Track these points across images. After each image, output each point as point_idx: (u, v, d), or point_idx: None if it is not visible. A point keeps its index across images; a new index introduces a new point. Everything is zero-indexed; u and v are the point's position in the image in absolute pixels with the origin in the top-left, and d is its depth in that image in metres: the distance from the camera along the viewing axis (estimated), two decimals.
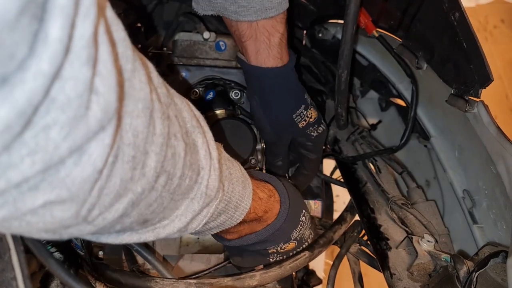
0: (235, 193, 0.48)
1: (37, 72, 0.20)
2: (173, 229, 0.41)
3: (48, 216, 0.27)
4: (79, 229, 0.31)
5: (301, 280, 0.86)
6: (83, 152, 0.25)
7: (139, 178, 0.31)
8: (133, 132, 0.29)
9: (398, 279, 0.58)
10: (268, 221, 0.58)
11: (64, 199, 0.26)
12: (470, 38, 0.53)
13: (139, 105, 0.29)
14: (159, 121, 0.32)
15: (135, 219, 0.35)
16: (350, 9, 0.61)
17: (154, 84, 0.33)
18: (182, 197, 0.39)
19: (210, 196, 0.42)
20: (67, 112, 0.23)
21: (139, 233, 0.39)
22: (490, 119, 0.54)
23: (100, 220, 0.31)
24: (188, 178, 0.38)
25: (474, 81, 0.55)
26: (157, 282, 0.57)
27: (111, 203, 0.30)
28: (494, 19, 2.60)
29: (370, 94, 0.88)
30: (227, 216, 0.49)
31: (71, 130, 0.24)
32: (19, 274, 0.40)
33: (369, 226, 0.67)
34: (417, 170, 0.77)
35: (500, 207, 0.56)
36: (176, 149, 0.35)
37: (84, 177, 0.26)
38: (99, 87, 0.25)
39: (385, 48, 0.70)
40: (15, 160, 0.22)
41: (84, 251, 0.59)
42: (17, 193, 0.24)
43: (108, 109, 0.26)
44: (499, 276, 0.48)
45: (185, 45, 0.81)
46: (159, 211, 0.37)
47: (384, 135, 0.85)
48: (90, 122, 0.25)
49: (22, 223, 0.26)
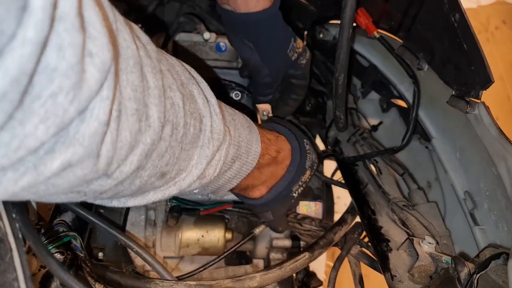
0: (243, 137, 0.51)
1: (24, 40, 0.22)
2: (192, 178, 0.43)
3: (71, 176, 0.29)
4: (100, 184, 0.33)
5: (301, 282, 0.86)
6: (86, 109, 0.27)
7: (146, 129, 0.34)
8: (131, 86, 0.31)
9: (399, 281, 0.58)
10: (286, 162, 0.61)
11: (80, 156, 0.28)
12: (470, 40, 0.53)
13: (130, 62, 0.32)
14: (151, 75, 0.34)
15: (152, 172, 0.38)
16: (345, 12, 0.60)
17: (142, 42, 0.35)
18: (192, 146, 0.42)
19: (218, 139, 0.45)
20: (70, 77, 0.25)
21: (162, 189, 0.42)
22: (491, 120, 0.54)
23: (118, 173, 0.34)
24: (192, 127, 0.41)
25: (474, 82, 0.55)
26: (157, 284, 0.57)
27: (126, 155, 0.33)
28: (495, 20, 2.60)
29: (371, 95, 0.88)
30: (241, 162, 0.52)
31: (76, 93, 0.25)
32: (21, 275, 0.40)
33: (370, 227, 0.67)
34: (418, 171, 0.77)
35: (501, 209, 0.56)
36: (174, 100, 0.38)
37: (92, 131, 0.28)
38: (93, 49, 0.26)
39: (386, 49, 0.70)
40: (30, 129, 0.24)
41: (84, 252, 0.59)
42: (35, 158, 0.26)
43: (103, 67, 0.27)
44: (500, 278, 0.48)
45: (185, 46, 0.81)
46: (173, 163, 0.40)
47: (385, 137, 0.85)
48: (91, 83, 0.26)
49: (49, 186, 0.29)
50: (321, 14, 0.84)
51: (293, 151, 0.62)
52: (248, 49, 0.71)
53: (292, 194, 0.65)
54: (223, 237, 0.77)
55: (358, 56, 0.83)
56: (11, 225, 0.41)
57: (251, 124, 0.55)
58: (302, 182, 0.65)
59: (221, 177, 0.50)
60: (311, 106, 0.89)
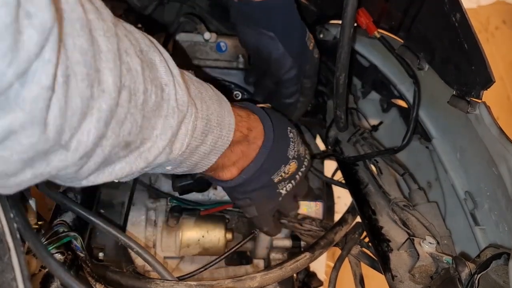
0: (212, 110, 0.49)
1: None
2: (158, 149, 0.42)
3: (16, 145, 0.28)
4: (60, 159, 0.32)
5: (302, 282, 0.86)
6: (27, 73, 0.26)
7: (99, 95, 0.32)
8: (79, 50, 0.30)
9: (399, 281, 0.58)
10: (258, 142, 0.57)
11: (22, 122, 0.27)
12: (471, 39, 0.53)
13: (76, 25, 0.30)
14: (103, 39, 0.33)
15: (115, 142, 0.36)
16: (347, 12, 0.60)
17: (95, 6, 0.34)
18: (154, 114, 0.40)
19: (182, 111, 0.43)
20: (6, 39, 0.24)
21: (128, 162, 0.40)
22: (492, 120, 0.54)
23: (76, 143, 0.32)
24: (153, 94, 0.39)
25: (475, 82, 0.54)
26: (158, 284, 0.57)
27: (79, 122, 0.31)
28: (495, 20, 2.60)
29: (372, 95, 0.88)
30: (215, 135, 0.49)
31: (13, 56, 0.25)
32: (19, 275, 0.40)
33: (370, 227, 0.67)
34: (418, 171, 0.77)
35: (502, 209, 0.56)
36: (131, 65, 0.36)
37: (33, 95, 0.27)
38: (31, 9, 0.25)
39: (386, 49, 0.70)
40: None
41: (84, 253, 0.59)
42: None
43: (43, 28, 0.26)
44: (501, 278, 0.48)
45: (185, 46, 0.81)
46: (136, 131, 0.38)
47: (385, 137, 0.85)
48: (29, 45, 0.25)
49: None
50: (321, 14, 0.84)
51: (266, 132, 0.58)
52: (268, 40, 0.68)
53: (278, 190, 0.62)
54: (223, 237, 0.77)
55: (358, 56, 0.83)
56: (9, 225, 0.41)
57: (220, 97, 0.52)
58: (286, 174, 0.61)
59: (194, 153, 0.48)
60: (311, 106, 0.89)
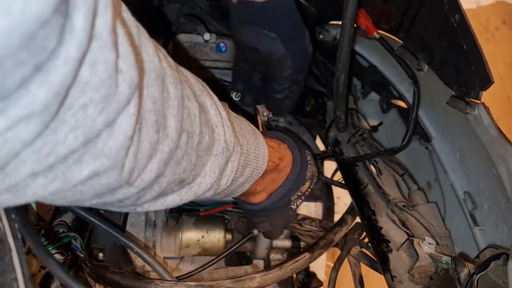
0: (250, 144, 0.53)
1: (67, 58, 0.24)
2: (206, 185, 0.45)
3: (96, 184, 0.31)
4: (123, 192, 0.35)
5: (301, 282, 0.86)
6: (114, 124, 0.29)
7: (164, 139, 0.35)
8: (151, 99, 0.33)
9: (399, 282, 0.58)
10: (287, 169, 0.62)
11: (106, 167, 0.30)
12: (470, 40, 0.53)
13: (152, 75, 0.33)
14: (172, 86, 0.36)
15: (171, 179, 0.39)
16: (347, 12, 0.60)
17: (162, 53, 0.37)
18: (206, 153, 0.43)
19: (229, 150, 0.47)
20: (100, 91, 0.27)
21: (179, 194, 0.44)
22: (491, 121, 0.54)
23: (139, 181, 0.35)
24: (207, 135, 0.42)
25: (474, 83, 0.55)
26: (157, 284, 0.57)
27: (145, 164, 0.35)
28: (495, 20, 2.60)
29: (371, 96, 0.88)
30: (252, 167, 0.53)
31: (104, 106, 0.27)
32: (20, 275, 0.40)
33: (370, 228, 0.67)
34: (418, 172, 0.77)
35: (501, 209, 0.56)
36: (191, 109, 0.39)
37: (119, 145, 0.30)
38: (123, 67, 0.28)
39: (386, 50, 0.70)
40: (61, 137, 0.26)
41: (84, 253, 0.59)
42: (64, 167, 0.28)
43: (132, 84, 0.29)
44: (500, 279, 0.48)
45: (185, 47, 0.81)
46: (190, 169, 0.42)
47: (385, 137, 0.85)
48: (120, 98, 0.28)
49: (75, 192, 0.30)
50: (321, 14, 0.84)
51: (294, 159, 0.63)
52: (270, 40, 0.68)
53: (291, 205, 0.66)
54: (223, 238, 0.77)
55: (358, 56, 0.83)
56: (10, 225, 0.41)
57: (255, 130, 0.56)
58: (301, 192, 0.66)
59: (233, 184, 0.52)
60: (311, 106, 0.89)
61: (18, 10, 0.20)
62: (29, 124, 0.24)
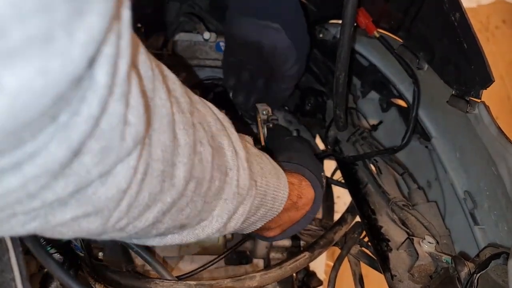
0: (270, 185, 0.49)
1: (89, 116, 0.23)
2: (211, 230, 0.42)
3: (76, 226, 0.29)
4: (111, 236, 0.33)
5: (301, 282, 0.85)
6: (109, 174, 0.27)
7: (168, 189, 0.33)
8: (161, 147, 0.31)
9: (399, 281, 0.58)
10: (306, 208, 0.59)
11: (89, 214, 0.28)
12: (470, 39, 0.53)
13: (164, 121, 0.31)
14: (183, 132, 0.33)
15: (170, 225, 0.37)
16: (347, 11, 0.60)
17: (175, 96, 0.34)
18: (215, 198, 0.40)
19: (242, 195, 0.43)
20: (100, 142, 0.25)
21: (181, 235, 0.41)
22: (491, 120, 0.54)
23: (131, 228, 0.33)
24: (217, 180, 0.39)
25: (474, 82, 0.54)
26: (157, 284, 0.57)
27: (140, 214, 0.32)
28: (495, 19, 2.60)
29: (371, 95, 0.88)
30: (266, 208, 0.50)
31: (102, 157, 0.25)
32: (18, 275, 0.40)
33: (369, 227, 0.67)
34: (418, 171, 0.77)
35: (502, 208, 0.56)
36: (203, 155, 0.36)
37: (109, 196, 0.28)
38: (131, 119, 0.26)
39: (386, 48, 0.70)
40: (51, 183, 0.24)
41: (83, 252, 0.59)
42: (49, 208, 0.26)
43: (137, 137, 0.27)
44: (500, 278, 0.48)
45: (185, 46, 0.81)
46: (195, 215, 0.39)
47: (385, 136, 0.85)
48: (122, 151, 0.27)
49: (54, 232, 0.29)
50: (321, 13, 0.84)
51: (316, 198, 0.59)
52: (273, 32, 0.67)
53: None
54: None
55: (358, 55, 0.83)
56: None
57: (278, 170, 0.53)
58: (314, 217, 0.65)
59: (243, 223, 0.48)
60: (311, 105, 0.89)
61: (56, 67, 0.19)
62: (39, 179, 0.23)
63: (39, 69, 0.18)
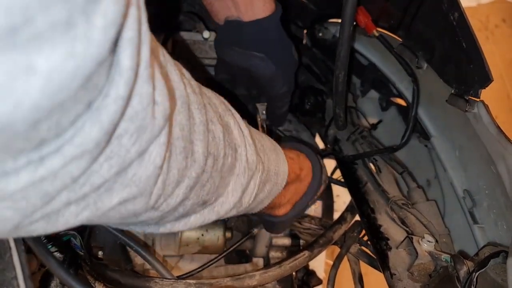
0: (271, 161, 0.53)
1: (117, 97, 0.24)
2: (229, 204, 0.45)
3: (123, 210, 0.31)
4: (148, 215, 0.36)
5: (301, 280, 0.86)
6: (145, 153, 0.29)
7: (192, 165, 0.36)
8: (179, 126, 0.33)
9: (398, 279, 0.58)
10: (308, 178, 0.64)
11: (135, 195, 0.31)
12: (469, 38, 0.53)
13: (178, 102, 0.33)
14: (197, 112, 0.36)
15: (195, 201, 0.40)
16: (346, 10, 0.60)
17: (186, 78, 0.37)
18: (229, 173, 0.44)
19: (251, 169, 0.47)
20: (135, 122, 0.27)
21: (202, 214, 0.44)
22: (490, 119, 0.54)
23: (165, 206, 0.36)
24: (230, 156, 0.42)
25: (474, 81, 0.55)
26: (157, 282, 0.57)
27: (172, 190, 0.35)
28: (495, 18, 2.60)
29: (371, 94, 0.88)
30: (272, 183, 0.53)
31: (138, 136, 0.28)
32: (20, 273, 0.40)
33: (369, 226, 0.67)
34: (417, 170, 0.77)
35: (501, 207, 0.56)
36: (215, 133, 0.39)
37: (148, 174, 0.30)
38: (158, 98, 0.29)
39: (385, 47, 0.70)
40: (96, 168, 0.26)
41: (83, 251, 0.59)
42: (96, 195, 0.28)
43: (165, 115, 0.30)
44: (499, 276, 0.48)
45: (185, 45, 0.81)
46: (213, 191, 0.42)
47: (384, 135, 0.85)
48: (155, 128, 0.29)
49: (102, 217, 0.31)
50: (320, 12, 0.84)
51: (314, 167, 0.65)
52: (259, 61, 0.67)
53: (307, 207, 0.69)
54: (222, 236, 0.77)
55: (357, 54, 0.83)
56: None
57: (276, 146, 0.56)
58: (317, 196, 0.69)
59: (254, 200, 0.52)
60: (311, 104, 0.89)
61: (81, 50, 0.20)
62: (80, 161, 0.24)
63: (66, 52, 0.20)
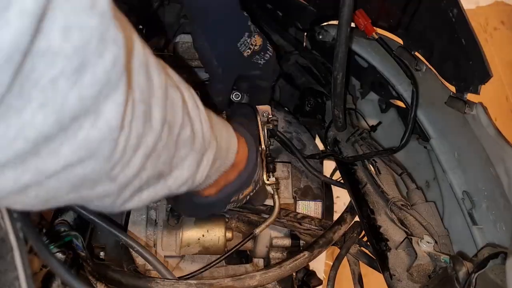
0: (223, 137, 0.50)
1: (21, 10, 0.19)
2: (182, 180, 0.43)
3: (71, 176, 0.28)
4: (104, 188, 0.32)
5: (301, 281, 0.86)
6: (98, 113, 0.26)
7: (149, 130, 0.33)
8: (139, 88, 0.30)
9: (397, 280, 0.58)
10: (241, 165, 0.58)
11: (82, 158, 0.27)
12: (468, 35, 0.53)
13: (136, 61, 0.30)
14: (156, 74, 0.33)
15: (150, 173, 0.37)
16: (343, 11, 0.61)
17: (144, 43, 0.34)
18: (184, 146, 0.41)
19: (205, 146, 0.45)
20: (73, 61, 0.23)
21: (156, 188, 0.41)
22: (488, 120, 0.54)
23: (122, 176, 0.33)
24: (188, 127, 0.40)
25: (473, 77, 0.55)
26: (158, 283, 0.57)
27: (130, 158, 0.32)
28: (494, 21, 2.60)
29: (370, 96, 0.88)
30: (221, 160, 0.51)
31: (78, 79, 0.23)
32: (22, 274, 0.40)
33: (369, 227, 0.67)
34: (416, 171, 0.77)
35: (500, 208, 0.56)
36: (174, 100, 0.37)
37: (100, 136, 0.27)
38: (108, 36, 0.25)
39: (384, 50, 0.70)
40: (27, 117, 0.22)
41: (85, 252, 0.59)
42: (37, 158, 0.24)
43: (117, 61, 0.25)
44: (498, 278, 0.48)
45: (186, 47, 0.81)
46: (168, 161, 0.39)
47: (384, 137, 0.85)
48: (98, 71, 0.24)
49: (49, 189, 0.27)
50: (320, 14, 0.84)
51: (250, 157, 0.59)
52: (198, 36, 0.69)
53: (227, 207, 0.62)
54: (223, 237, 0.78)
55: (357, 57, 0.84)
56: (12, 224, 0.41)
57: (225, 123, 0.54)
58: (242, 195, 0.61)
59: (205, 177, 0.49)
60: (311, 106, 0.89)
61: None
62: None
63: None
